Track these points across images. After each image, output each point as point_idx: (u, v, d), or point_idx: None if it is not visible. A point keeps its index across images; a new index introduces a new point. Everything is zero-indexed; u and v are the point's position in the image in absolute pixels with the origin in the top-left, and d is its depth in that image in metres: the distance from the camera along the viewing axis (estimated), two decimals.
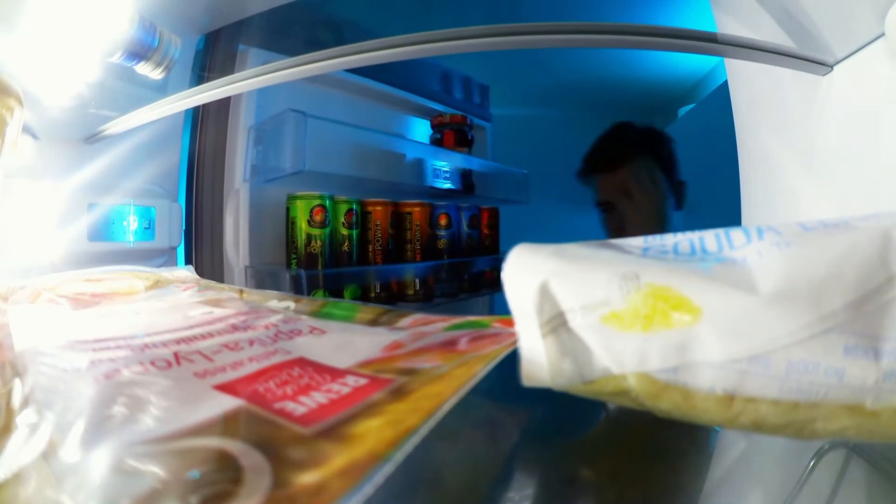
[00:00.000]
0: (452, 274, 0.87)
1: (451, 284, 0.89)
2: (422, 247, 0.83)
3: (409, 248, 0.83)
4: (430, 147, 0.90)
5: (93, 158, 0.53)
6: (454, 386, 0.15)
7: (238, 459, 0.12)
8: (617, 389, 0.16)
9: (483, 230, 0.96)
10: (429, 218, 0.84)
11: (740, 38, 0.32)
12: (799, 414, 0.14)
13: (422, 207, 0.83)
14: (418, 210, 0.83)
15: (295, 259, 0.68)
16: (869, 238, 0.14)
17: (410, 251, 0.83)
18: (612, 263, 0.16)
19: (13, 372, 0.19)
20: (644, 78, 1.52)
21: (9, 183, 0.44)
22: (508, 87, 1.35)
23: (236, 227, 0.67)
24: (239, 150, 0.67)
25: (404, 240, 0.82)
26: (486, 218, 0.97)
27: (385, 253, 0.78)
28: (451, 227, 0.87)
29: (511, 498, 0.23)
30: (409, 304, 0.80)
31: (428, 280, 0.83)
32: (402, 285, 0.80)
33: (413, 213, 0.82)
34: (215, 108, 0.68)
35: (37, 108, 0.45)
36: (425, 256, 0.84)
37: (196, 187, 0.67)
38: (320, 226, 0.68)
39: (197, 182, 0.67)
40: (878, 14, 0.28)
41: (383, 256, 0.78)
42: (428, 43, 0.32)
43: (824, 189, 0.36)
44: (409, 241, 0.83)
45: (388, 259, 0.78)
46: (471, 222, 0.92)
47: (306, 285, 0.65)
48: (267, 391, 0.16)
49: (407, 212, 0.82)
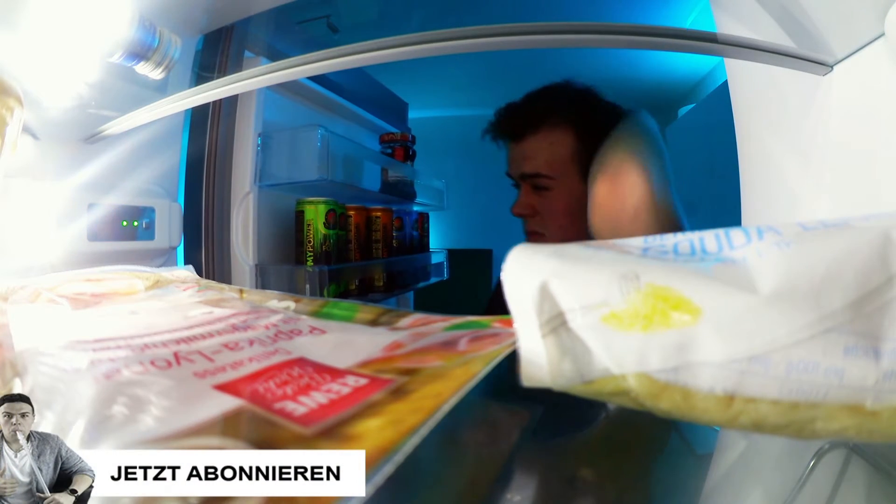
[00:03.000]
0: (405, 268, 1.04)
1: (403, 277, 1.04)
2: (385, 245, 0.97)
3: (376, 246, 0.96)
4: (385, 158, 1.05)
5: (93, 158, 0.53)
6: (454, 386, 0.15)
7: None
8: (617, 389, 0.16)
9: (420, 231, 1.16)
10: (390, 221, 0.99)
11: (740, 38, 0.32)
12: (799, 414, 0.14)
13: (384, 212, 0.97)
14: (383, 214, 0.97)
15: (311, 256, 0.77)
16: (869, 238, 0.14)
17: (376, 249, 0.96)
18: (611, 264, 0.16)
19: (13, 372, 0.19)
20: (644, 78, 1.52)
21: (9, 183, 0.44)
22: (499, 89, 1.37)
23: (245, 228, 0.71)
24: (248, 153, 0.70)
25: (372, 239, 0.96)
26: (421, 221, 1.16)
27: (360, 251, 0.90)
28: (403, 228, 1.03)
29: (511, 498, 0.23)
30: (376, 293, 0.93)
31: (392, 274, 0.98)
32: (373, 279, 0.93)
33: (380, 217, 0.96)
34: (222, 111, 0.69)
35: (37, 108, 0.45)
36: (388, 254, 0.98)
37: (205, 189, 0.69)
38: (333, 227, 0.79)
39: (206, 184, 0.69)
40: (878, 14, 0.28)
41: (361, 254, 0.90)
42: (427, 43, 0.32)
43: (824, 189, 0.36)
44: (376, 240, 0.96)
45: (364, 257, 0.91)
46: (414, 225, 1.11)
47: (326, 280, 0.74)
48: (267, 391, 0.16)
49: (376, 215, 0.96)
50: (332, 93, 0.90)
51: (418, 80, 1.49)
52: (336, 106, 0.94)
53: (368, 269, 0.90)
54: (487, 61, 1.37)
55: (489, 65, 1.40)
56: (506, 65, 1.38)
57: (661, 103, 1.70)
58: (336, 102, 0.93)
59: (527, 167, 0.70)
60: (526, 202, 0.71)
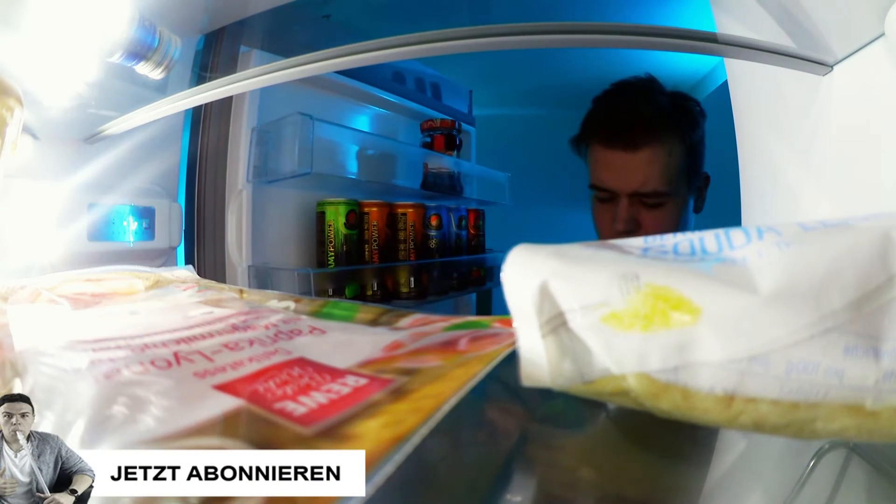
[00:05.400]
0: (443, 272, 0.91)
1: (441, 283, 0.92)
2: (415, 246, 0.86)
3: (403, 247, 0.85)
4: (421, 150, 0.93)
5: (93, 158, 0.53)
6: (454, 386, 0.15)
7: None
8: (617, 390, 0.16)
9: (470, 230, 1.01)
10: (422, 219, 0.87)
11: (740, 38, 0.32)
12: (799, 414, 0.14)
13: (415, 208, 0.86)
14: (412, 211, 0.86)
15: (333, 256, 0.74)
16: (869, 238, 0.14)
17: (404, 250, 0.85)
18: (611, 264, 0.16)
19: (13, 372, 0.19)
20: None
21: (9, 183, 0.44)
22: (500, 89, 1.36)
23: (239, 227, 0.68)
24: (241, 150, 0.68)
25: (398, 240, 0.85)
26: (473, 219, 1.01)
27: (379, 253, 0.81)
28: (441, 227, 0.90)
29: (511, 498, 0.23)
30: (402, 301, 0.83)
31: (422, 278, 0.86)
32: (397, 283, 0.83)
33: (407, 214, 0.85)
34: (217, 109, 0.68)
35: (37, 108, 0.45)
36: (418, 256, 0.87)
37: (198, 187, 0.67)
38: (354, 227, 0.75)
39: (199, 182, 0.67)
40: (878, 14, 0.28)
41: (379, 256, 0.81)
42: (427, 43, 0.32)
43: (824, 189, 0.36)
44: (403, 240, 0.85)
45: (383, 258, 0.82)
46: (459, 223, 0.96)
47: (343, 280, 0.72)
48: (267, 391, 0.16)
49: (402, 213, 0.85)
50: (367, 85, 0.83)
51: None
52: (371, 98, 0.86)
53: (389, 273, 0.81)
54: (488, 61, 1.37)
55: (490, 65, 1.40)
56: (506, 65, 1.38)
57: None
58: (371, 95, 0.85)
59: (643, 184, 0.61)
60: (633, 219, 0.63)
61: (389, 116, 0.95)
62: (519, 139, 1.43)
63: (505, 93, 1.42)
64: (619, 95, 0.67)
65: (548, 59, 1.19)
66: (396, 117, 0.96)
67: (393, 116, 0.95)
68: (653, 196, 0.62)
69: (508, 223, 1.17)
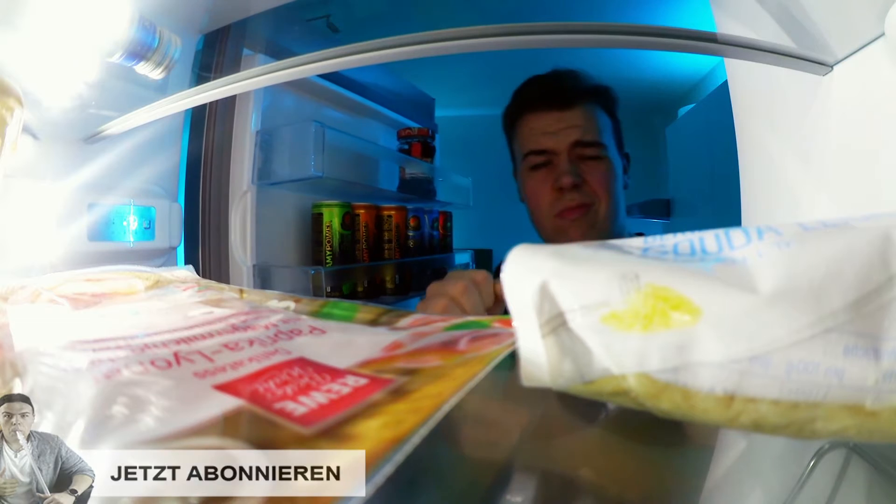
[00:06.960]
0: (421, 269, 1.00)
1: (420, 279, 0.99)
2: (398, 245, 0.93)
3: (388, 247, 0.92)
4: (401, 156, 1.01)
5: (93, 158, 0.53)
6: (454, 386, 0.15)
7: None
8: (617, 390, 0.16)
9: (440, 231, 1.11)
10: (404, 220, 0.95)
11: (740, 38, 0.32)
12: (799, 414, 0.14)
13: (398, 210, 0.93)
14: (395, 213, 0.92)
15: (331, 256, 0.78)
16: (869, 238, 0.14)
17: (389, 249, 0.92)
18: (611, 263, 0.16)
19: (13, 372, 0.19)
20: (644, 78, 1.52)
21: (9, 183, 0.44)
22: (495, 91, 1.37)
23: (244, 228, 0.70)
24: (245, 153, 0.69)
25: (384, 239, 0.92)
26: (443, 220, 1.12)
27: (369, 251, 0.88)
28: (419, 228, 0.99)
29: (511, 498, 0.23)
30: (388, 297, 0.90)
31: (406, 275, 0.94)
32: (384, 280, 0.90)
33: (392, 216, 0.92)
34: (219, 110, 0.68)
35: (37, 108, 0.45)
36: (402, 254, 0.94)
37: (202, 189, 0.68)
38: (348, 228, 0.79)
39: (202, 183, 0.68)
40: (878, 14, 0.28)
41: (369, 255, 0.88)
42: (427, 43, 0.32)
43: (824, 189, 0.36)
44: (388, 240, 0.92)
45: (372, 257, 0.88)
46: (432, 224, 1.06)
47: (341, 279, 0.76)
48: (267, 391, 0.16)
49: (387, 214, 0.91)
50: (349, 91, 0.87)
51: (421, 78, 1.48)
52: (352, 104, 0.91)
53: (376, 271, 0.87)
54: (487, 61, 1.37)
55: (488, 65, 1.40)
56: (505, 65, 1.38)
57: (661, 103, 1.69)
58: (351, 100, 0.90)
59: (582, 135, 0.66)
60: (575, 170, 0.65)
61: (370, 123, 1.01)
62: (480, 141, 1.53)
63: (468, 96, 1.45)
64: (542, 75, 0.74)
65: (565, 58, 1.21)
66: (372, 123, 1.02)
67: (372, 123, 1.02)
68: (592, 146, 0.66)
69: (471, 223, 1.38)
